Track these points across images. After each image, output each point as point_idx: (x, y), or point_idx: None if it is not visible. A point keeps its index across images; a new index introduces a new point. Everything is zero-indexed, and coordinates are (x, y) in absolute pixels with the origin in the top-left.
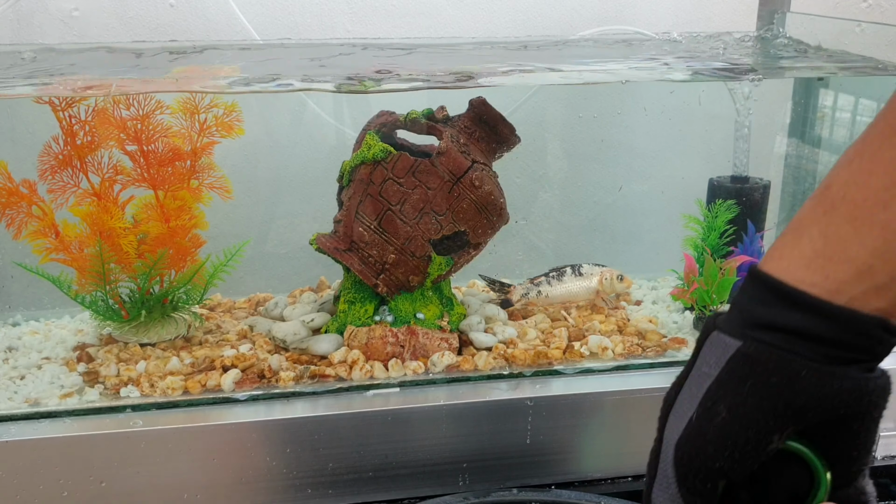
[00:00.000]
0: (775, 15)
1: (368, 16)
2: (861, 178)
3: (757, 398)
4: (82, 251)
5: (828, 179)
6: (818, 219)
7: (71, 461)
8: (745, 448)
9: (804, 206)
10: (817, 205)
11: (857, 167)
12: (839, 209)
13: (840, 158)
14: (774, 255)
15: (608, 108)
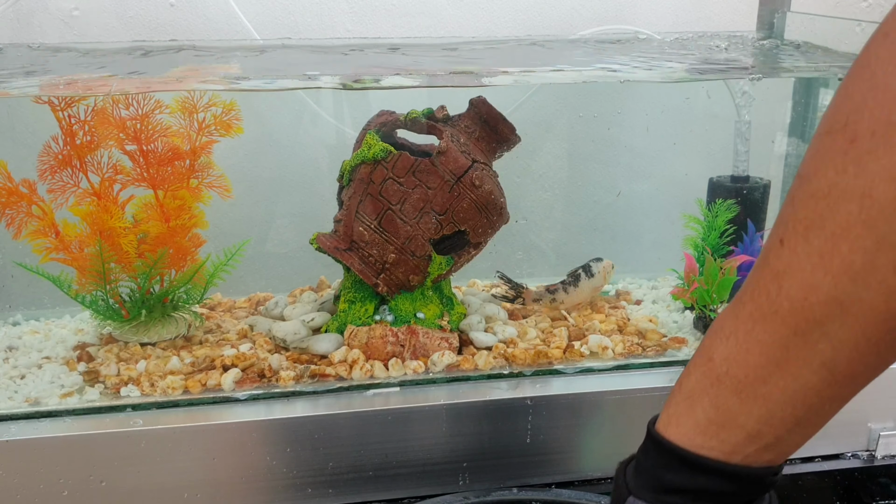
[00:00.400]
0: (775, 15)
1: (368, 15)
2: (740, 356)
3: None
4: (82, 251)
5: (709, 350)
6: (707, 390)
7: (71, 460)
8: None
9: (691, 372)
10: (703, 376)
11: (734, 345)
12: (724, 383)
13: (715, 324)
14: (672, 421)
15: (608, 108)
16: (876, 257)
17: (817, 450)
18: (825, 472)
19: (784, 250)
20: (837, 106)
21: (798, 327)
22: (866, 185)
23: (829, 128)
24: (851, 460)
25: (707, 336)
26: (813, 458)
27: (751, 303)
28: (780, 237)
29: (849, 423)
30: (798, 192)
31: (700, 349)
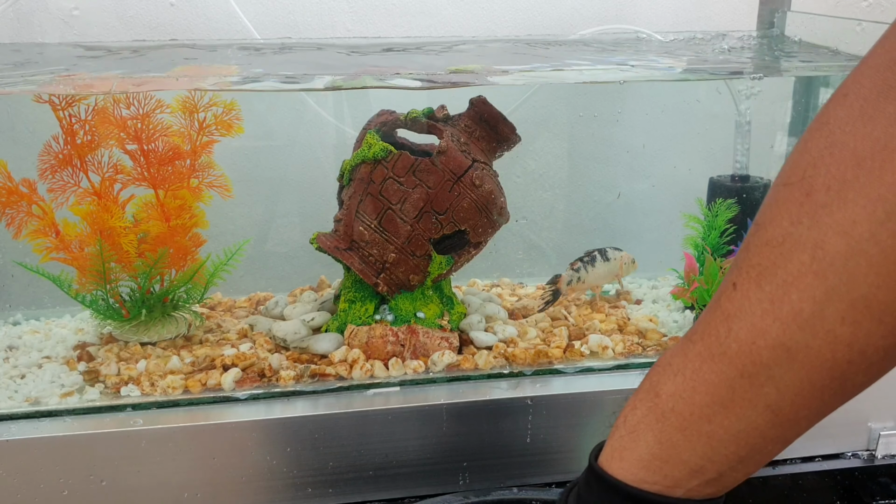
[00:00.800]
0: (776, 14)
1: (369, 15)
2: (686, 393)
3: None
4: (83, 250)
5: (655, 385)
6: (652, 425)
7: (71, 460)
8: None
9: (636, 406)
10: (649, 412)
11: (681, 382)
12: (669, 419)
13: (663, 359)
14: (615, 455)
15: (608, 108)
16: (825, 307)
17: (817, 449)
18: (825, 471)
19: (736, 294)
20: (796, 159)
21: (745, 369)
22: (819, 238)
23: (787, 179)
24: (852, 460)
25: (654, 370)
26: (813, 458)
27: (700, 342)
28: (732, 281)
29: (849, 423)
30: (753, 238)
31: (646, 383)
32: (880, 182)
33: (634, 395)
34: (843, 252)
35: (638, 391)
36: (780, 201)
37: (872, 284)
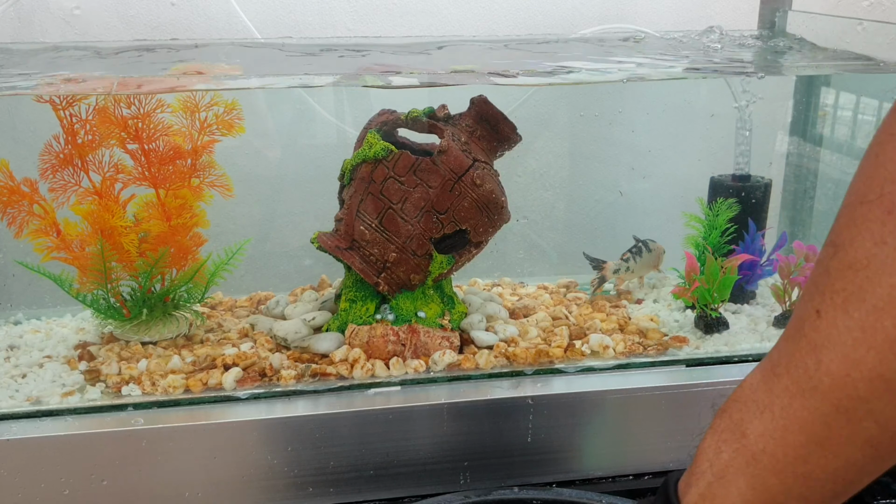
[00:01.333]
0: (777, 13)
1: (369, 14)
2: (777, 433)
3: None
4: (83, 250)
5: (740, 424)
6: (743, 469)
7: (72, 460)
8: None
9: (720, 448)
10: (737, 454)
11: (770, 421)
12: (761, 461)
13: (742, 393)
14: (705, 501)
15: (610, 107)
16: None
17: None
18: None
19: (821, 322)
20: (870, 174)
21: (840, 404)
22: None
23: (863, 197)
24: None
25: (733, 406)
26: None
27: (786, 376)
28: (815, 308)
29: None
30: (833, 261)
31: (725, 420)
32: None
33: (713, 432)
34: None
35: (717, 429)
36: (858, 220)
37: None
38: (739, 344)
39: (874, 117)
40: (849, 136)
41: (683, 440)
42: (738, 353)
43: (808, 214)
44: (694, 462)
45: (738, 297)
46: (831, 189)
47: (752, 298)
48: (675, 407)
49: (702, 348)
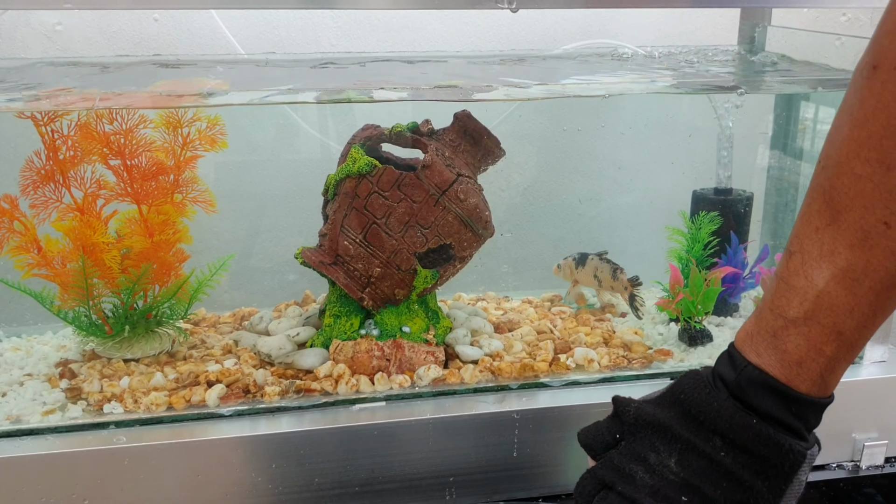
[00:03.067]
0: (756, 29)
1: (353, 30)
2: (867, 325)
3: None
4: (65, 266)
5: (833, 326)
6: (844, 356)
7: (53, 479)
8: None
9: (822, 349)
10: (839, 349)
11: (860, 319)
12: (856, 347)
13: (827, 299)
14: (816, 384)
15: (592, 121)
16: None
17: None
18: (811, 482)
19: (892, 231)
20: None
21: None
22: None
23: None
24: (836, 471)
25: (820, 313)
26: None
27: (867, 279)
28: (883, 220)
29: (833, 434)
30: (888, 179)
31: (816, 327)
32: None
33: (806, 339)
34: None
35: (810, 335)
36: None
37: None
38: None
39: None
40: None
41: None
42: None
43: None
44: (787, 366)
45: (722, 309)
46: None
47: (735, 311)
48: None
49: (686, 361)
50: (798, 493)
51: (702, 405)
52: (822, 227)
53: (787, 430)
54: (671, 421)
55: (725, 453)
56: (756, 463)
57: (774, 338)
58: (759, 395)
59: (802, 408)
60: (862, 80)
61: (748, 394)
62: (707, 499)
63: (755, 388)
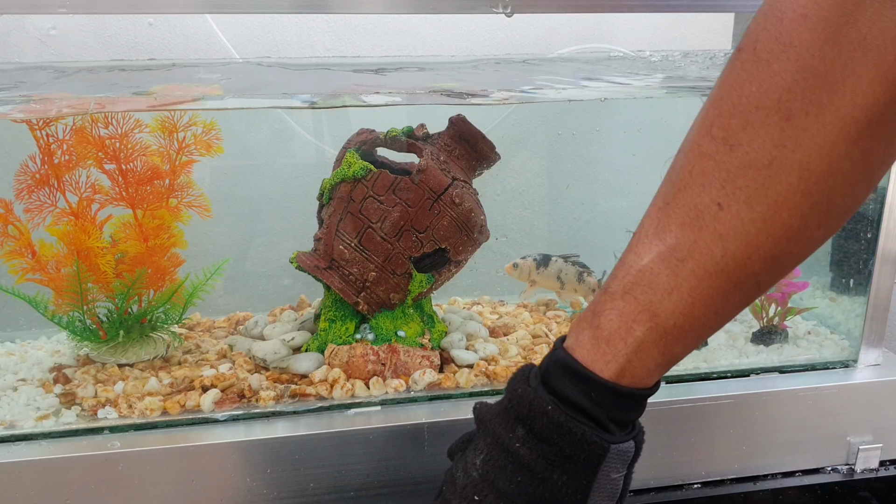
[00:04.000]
0: None
1: (348, 34)
2: (686, 310)
3: None
4: (59, 271)
5: (649, 305)
6: (656, 342)
7: (47, 485)
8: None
9: (632, 327)
10: (651, 331)
11: (679, 301)
12: (672, 335)
13: (645, 276)
14: (626, 371)
15: (587, 125)
16: (808, 220)
17: (798, 464)
18: (805, 486)
19: (725, 214)
20: (765, 81)
21: (739, 281)
22: (804, 160)
23: (759, 102)
24: (831, 474)
25: (637, 289)
26: (793, 473)
27: (691, 260)
28: (716, 201)
29: (828, 438)
30: (731, 159)
31: (631, 302)
32: (853, 105)
33: (619, 315)
34: (825, 171)
35: (624, 311)
36: (756, 124)
37: (845, 195)
38: (718, 360)
39: None
40: None
41: (664, 457)
42: (717, 369)
43: None
44: (595, 344)
45: None
46: None
47: None
48: (655, 424)
49: (681, 365)
50: (614, 494)
51: (513, 394)
52: (662, 205)
53: (588, 420)
54: (492, 416)
55: (521, 444)
56: (552, 453)
57: (593, 315)
58: (561, 380)
59: (603, 395)
60: (727, 62)
61: (552, 378)
62: (501, 494)
63: (559, 372)
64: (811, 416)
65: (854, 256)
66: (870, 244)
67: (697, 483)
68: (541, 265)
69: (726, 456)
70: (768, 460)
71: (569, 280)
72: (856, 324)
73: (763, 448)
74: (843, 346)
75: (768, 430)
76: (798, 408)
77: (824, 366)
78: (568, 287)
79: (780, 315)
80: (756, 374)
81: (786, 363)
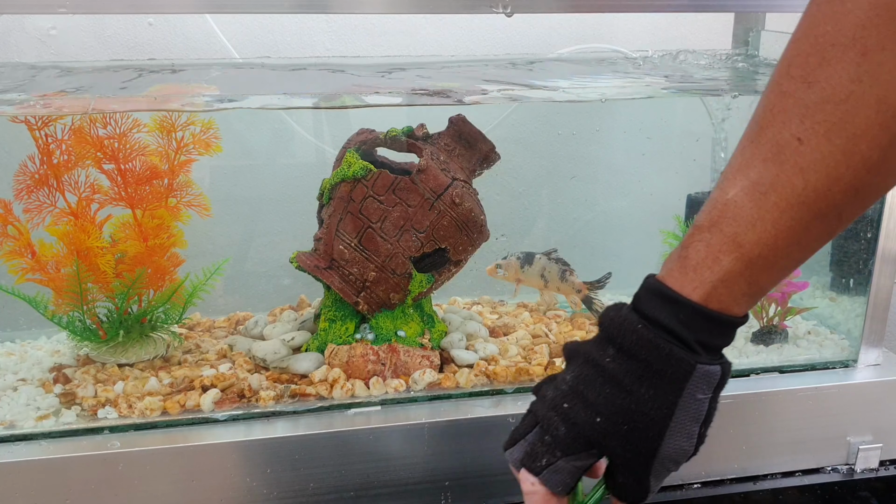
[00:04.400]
0: (750, 33)
1: (348, 34)
2: (769, 241)
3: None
4: (59, 271)
5: (734, 237)
6: (742, 272)
7: (47, 485)
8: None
9: (719, 257)
10: (737, 261)
11: (762, 232)
12: (757, 264)
13: (729, 209)
14: (713, 299)
15: (587, 126)
16: (888, 152)
17: (798, 464)
18: (806, 486)
19: (805, 148)
20: (837, 20)
21: (820, 212)
22: (882, 93)
23: (834, 40)
24: (831, 474)
25: (724, 222)
26: (794, 473)
27: (773, 193)
28: (796, 136)
29: (828, 438)
30: (809, 95)
31: (717, 234)
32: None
33: (706, 246)
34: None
35: (710, 243)
36: (832, 61)
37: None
38: None
39: None
40: None
41: None
42: None
43: None
44: (682, 272)
45: None
46: None
47: None
48: None
49: None
50: (699, 416)
51: (604, 319)
52: (747, 144)
53: (675, 340)
54: (583, 344)
55: (612, 359)
56: (640, 368)
57: (682, 248)
58: (651, 303)
59: (690, 316)
60: (807, 5)
61: (643, 301)
62: (589, 403)
63: (649, 296)
64: (811, 416)
65: (854, 256)
66: (870, 244)
67: (697, 483)
68: (525, 263)
69: (726, 456)
70: (768, 460)
71: (552, 278)
72: (856, 324)
73: (763, 448)
74: (843, 346)
75: (768, 430)
76: (798, 408)
77: (824, 366)
78: (551, 285)
79: (780, 315)
80: (756, 373)
81: (786, 363)
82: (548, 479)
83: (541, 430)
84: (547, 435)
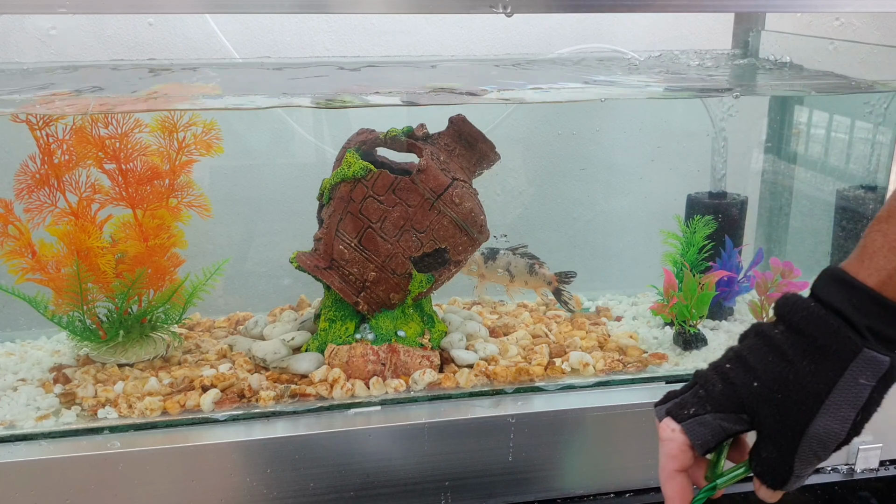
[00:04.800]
0: (750, 33)
1: (347, 34)
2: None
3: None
4: (59, 271)
5: None
6: None
7: (47, 485)
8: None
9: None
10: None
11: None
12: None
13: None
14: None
15: (587, 126)
16: None
17: None
18: (806, 486)
19: None
20: None
21: None
22: None
23: None
24: (832, 474)
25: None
26: None
27: None
28: None
29: None
30: None
31: (893, 220)
32: None
33: (884, 232)
34: None
35: (889, 230)
36: None
37: None
38: None
39: (846, 135)
40: (821, 153)
41: None
42: None
43: (784, 231)
44: (860, 260)
45: (716, 313)
46: (806, 206)
47: (729, 314)
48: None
49: (681, 365)
50: (857, 402)
51: (779, 300)
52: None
53: (845, 322)
54: (760, 322)
55: (779, 331)
56: (805, 342)
57: (863, 238)
58: (827, 287)
59: (863, 301)
60: None
61: (820, 286)
62: (749, 367)
63: (825, 279)
64: None
65: None
66: None
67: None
68: (489, 259)
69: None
70: None
71: (519, 272)
72: None
73: None
74: None
75: None
76: None
77: None
78: (518, 279)
79: None
80: None
81: None
82: (690, 428)
83: (697, 386)
84: (702, 389)
